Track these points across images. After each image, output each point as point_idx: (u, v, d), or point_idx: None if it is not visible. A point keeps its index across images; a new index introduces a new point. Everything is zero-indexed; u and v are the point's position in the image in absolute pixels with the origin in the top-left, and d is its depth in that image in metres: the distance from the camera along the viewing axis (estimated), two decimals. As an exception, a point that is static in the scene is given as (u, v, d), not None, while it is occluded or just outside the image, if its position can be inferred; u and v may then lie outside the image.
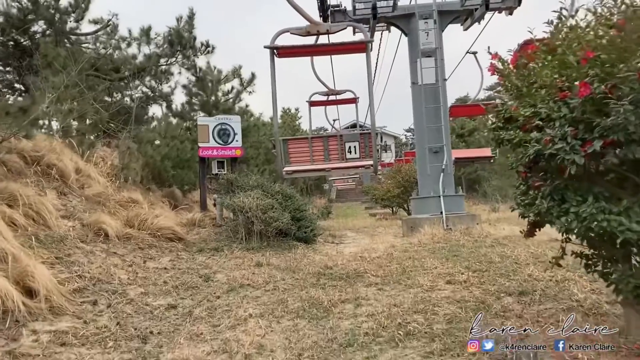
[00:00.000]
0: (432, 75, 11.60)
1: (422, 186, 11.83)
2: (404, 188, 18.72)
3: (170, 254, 8.29)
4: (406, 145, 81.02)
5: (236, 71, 19.00)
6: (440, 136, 11.50)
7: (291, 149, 8.65)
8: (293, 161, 8.56)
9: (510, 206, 4.77)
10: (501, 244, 9.06)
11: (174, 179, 13.28)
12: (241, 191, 10.19)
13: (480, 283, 6.71)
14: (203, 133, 11.91)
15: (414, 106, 12.11)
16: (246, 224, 9.37)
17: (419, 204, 11.74)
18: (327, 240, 11.01)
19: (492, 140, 4.79)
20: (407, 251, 8.92)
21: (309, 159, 8.49)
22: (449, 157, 11.55)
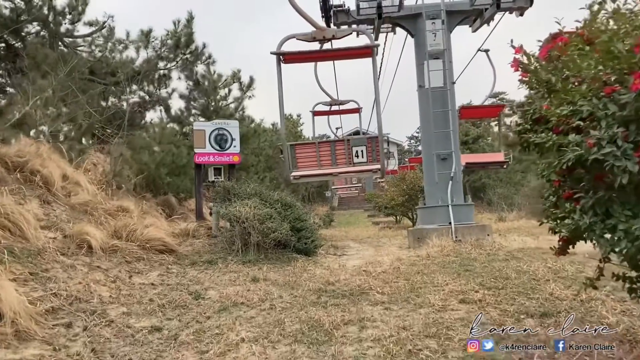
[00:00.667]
0: (439, 78, 11.04)
1: (429, 195, 11.23)
2: (409, 196, 18.12)
3: (160, 267, 7.70)
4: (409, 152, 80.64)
5: (235, 75, 18.56)
6: (448, 142, 10.92)
7: (298, 154, 8.53)
8: (300, 166, 8.43)
9: (538, 220, 4.17)
10: (516, 258, 8.46)
11: (169, 186, 12.74)
12: (238, 200, 9.61)
13: (496, 302, 6.10)
14: (199, 138, 11.36)
15: (421, 110, 11.54)
16: (242, 234, 8.79)
17: (426, 213, 11.14)
18: (328, 252, 10.41)
19: (519, 144, 4.19)
20: (415, 265, 8.31)
21: (317, 163, 8.42)
22: (458, 164, 10.96)
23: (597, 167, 3.12)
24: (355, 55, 7.70)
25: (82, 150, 11.16)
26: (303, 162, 8.46)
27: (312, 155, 8.46)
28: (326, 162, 8.45)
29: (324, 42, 7.56)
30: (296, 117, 34.75)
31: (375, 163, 8.21)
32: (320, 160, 8.42)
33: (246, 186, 10.07)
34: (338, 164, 8.41)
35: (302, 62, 7.94)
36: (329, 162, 8.45)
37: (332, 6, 11.33)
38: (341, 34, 7.42)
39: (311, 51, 7.45)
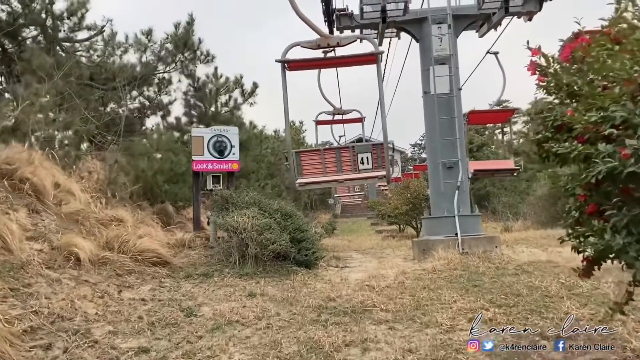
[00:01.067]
0: (445, 84, 10.68)
1: (434, 205, 10.84)
2: (413, 205, 17.74)
3: (152, 281, 7.32)
4: (413, 160, 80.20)
5: (237, 81, 18.26)
6: (454, 150, 10.55)
7: (304, 161, 8.64)
8: (306, 173, 8.53)
9: (559, 237, 3.79)
10: (526, 272, 8.06)
11: (167, 194, 12.39)
12: (236, 209, 9.25)
13: (508, 322, 5.71)
14: (197, 145, 11.01)
15: (426, 117, 11.18)
16: (240, 246, 8.41)
17: (432, 224, 10.74)
18: (330, 264, 10.01)
19: (537, 154, 3.82)
20: (421, 279, 7.92)
21: (322, 170, 8.50)
22: (464, 173, 10.59)
23: (632, 181, 2.75)
24: (360, 62, 7.70)
25: (77, 157, 10.84)
26: (308, 169, 8.49)
27: (318, 162, 8.46)
28: (331, 169, 8.45)
29: (329, 49, 7.61)
30: (299, 124, 34.46)
31: (380, 169, 8.15)
32: (325, 167, 8.42)
33: (245, 195, 9.70)
34: (343, 171, 8.40)
35: (307, 70, 7.96)
36: (334, 169, 8.45)
37: (335, 10, 11.01)
38: (345, 42, 7.40)
39: (316, 59, 7.53)
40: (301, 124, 35.16)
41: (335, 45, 7.32)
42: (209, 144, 11.08)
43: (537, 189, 21.86)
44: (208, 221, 10.38)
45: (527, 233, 16.25)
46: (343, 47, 7.44)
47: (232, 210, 9.20)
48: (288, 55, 7.25)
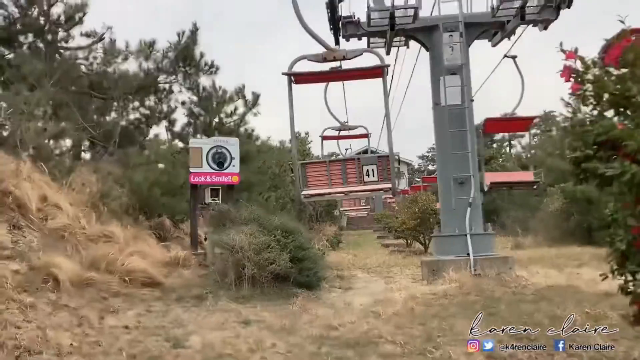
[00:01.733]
0: (457, 95, 10.12)
1: (445, 222, 10.23)
2: (421, 220, 17.11)
3: (140, 304, 6.75)
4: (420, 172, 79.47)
5: (240, 91, 17.79)
6: (466, 164, 9.95)
7: (309, 173, 8.58)
8: (311, 185, 8.49)
9: (601, 274, 3.19)
10: (546, 298, 7.42)
11: (164, 208, 11.86)
12: (235, 225, 8.70)
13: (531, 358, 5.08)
14: (196, 157, 10.49)
15: (437, 130, 10.61)
16: (236, 266, 7.84)
17: (442, 243, 10.13)
18: (333, 285, 9.42)
19: (574, 174, 3.24)
20: (431, 305, 7.31)
21: (327, 182, 8.44)
22: (477, 189, 9.97)
23: None
24: (366, 76, 7.78)
25: (70, 168, 10.35)
26: (314, 181, 8.42)
27: (323, 174, 8.39)
28: (337, 181, 8.39)
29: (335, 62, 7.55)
30: (304, 135, 33.96)
31: (386, 182, 8.11)
32: (331, 179, 8.36)
33: (244, 210, 9.14)
34: (349, 183, 8.34)
35: (313, 83, 8.14)
36: (340, 181, 8.39)
37: (341, 17, 10.50)
38: (352, 55, 7.37)
39: (322, 72, 7.51)
40: (307, 135, 34.63)
41: (342, 58, 7.26)
42: (207, 156, 10.56)
43: (549, 204, 21.14)
44: (205, 237, 9.82)
45: (540, 251, 15.58)
46: (349, 60, 7.40)
47: (230, 227, 8.64)
48: (295, 69, 7.30)
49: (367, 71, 7.55)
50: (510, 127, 13.56)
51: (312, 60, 7.42)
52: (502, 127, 13.79)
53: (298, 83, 7.46)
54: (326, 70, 7.62)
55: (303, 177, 8.39)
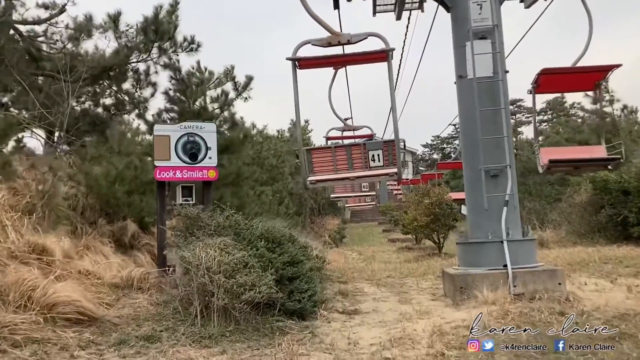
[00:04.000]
0: (488, 65, 8.02)
1: (474, 226, 8.16)
2: (434, 216, 15.05)
3: (58, 356, 4.75)
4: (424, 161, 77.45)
5: (229, 73, 15.73)
6: (501, 152, 7.86)
7: (315, 159, 8.53)
8: (317, 170, 8.45)
9: None
10: (627, 336, 5.35)
11: (129, 208, 9.84)
12: (206, 235, 6.69)
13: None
14: (162, 147, 8.47)
15: (461, 109, 8.52)
16: (203, 292, 5.83)
17: (470, 251, 8.06)
18: (334, 306, 7.39)
19: None
20: (465, 347, 5.26)
21: (333, 168, 8.44)
22: (514, 183, 7.89)
23: None
24: (371, 60, 7.63)
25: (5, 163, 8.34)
26: (319, 167, 8.43)
27: (329, 160, 8.42)
28: (342, 167, 8.38)
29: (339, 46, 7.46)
30: (304, 123, 31.82)
31: (391, 167, 8.04)
32: (336, 164, 8.38)
33: (217, 215, 7.10)
34: (355, 168, 8.34)
35: (317, 68, 7.89)
36: (345, 167, 8.38)
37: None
38: (356, 39, 7.28)
39: (326, 56, 7.45)
40: (307, 123, 32.52)
41: (346, 42, 7.16)
42: (177, 146, 8.55)
43: (575, 195, 19.04)
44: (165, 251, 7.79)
45: (570, 251, 13.48)
46: (354, 44, 7.28)
47: (200, 237, 6.63)
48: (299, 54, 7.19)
49: (371, 55, 7.42)
50: (575, 82, 8.80)
51: (316, 45, 7.31)
52: (564, 83, 8.79)
53: (302, 68, 7.38)
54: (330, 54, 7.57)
55: (309, 163, 8.36)
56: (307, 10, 7.34)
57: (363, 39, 7.46)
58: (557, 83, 9.16)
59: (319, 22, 7.39)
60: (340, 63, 8.57)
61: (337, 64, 8.93)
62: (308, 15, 7.56)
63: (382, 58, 7.35)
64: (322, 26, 7.32)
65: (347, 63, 8.78)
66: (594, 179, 17.15)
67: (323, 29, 7.44)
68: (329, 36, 7.25)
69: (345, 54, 7.76)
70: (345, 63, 8.78)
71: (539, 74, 8.56)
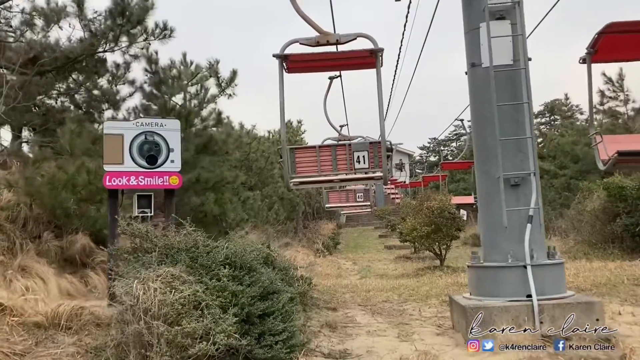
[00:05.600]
0: (507, 50, 6.62)
1: (490, 246, 6.71)
2: (436, 226, 13.64)
3: None
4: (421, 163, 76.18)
5: (212, 67, 14.35)
6: (523, 157, 6.45)
7: (298, 159, 8.17)
8: (300, 171, 8.12)
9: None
10: None
11: (82, 220, 8.39)
12: (155, 260, 5.26)
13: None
14: (113, 148, 7.03)
15: (474, 104, 7.09)
16: (140, 343, 4.38)
17: (486, 278, 6.61)
18: (318, 349, 5.94)
19: None
20: None
21: (317, 169, 8.10)
22: (539, 194, 6.47)
23: None
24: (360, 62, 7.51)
25: None
26: (303, 167, 8.15)
27: (313, 160, 8.17)
28: (327, 167, 8.14)
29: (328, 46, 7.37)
30: (297, 124, 30.31)
31: (377, 170, 7.87)
32: (320, 165, 8.13)
33: (172, 233, 5.65)
34: (339, 169, 8.13)
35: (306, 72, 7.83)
36: (330, 168, 8.15)
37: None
38: (345, 39, 7.22)
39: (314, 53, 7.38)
40: (299, 124, 31.02)
41: (335, 42, 7.12)
42: (132, 147, 7.10)
43: (586, 202, 17.66)
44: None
45: (591, 266, 12.07)
46: (343, 44, 7.24)
47: (147, 263, 5.20)
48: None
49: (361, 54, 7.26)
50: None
51: (304, 44, 7.23)
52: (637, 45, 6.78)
53: (291, 72, 7.35)
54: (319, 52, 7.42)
55: (292, 163, 8.03)
56: (296, 9, 7.20)
57: (352, 39, 7.32)
58: (628, 46, 6.82)
59: (308, 21, 7.28)
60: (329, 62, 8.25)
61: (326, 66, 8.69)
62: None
63: (371, 63, 7.20)
64: (311, 26, 7.22)
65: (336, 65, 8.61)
66: (608, 184, 15.80)
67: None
68: (317, 35, 7.16)
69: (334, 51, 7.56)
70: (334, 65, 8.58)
71: (602, 32, 6.58)
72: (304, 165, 8.14)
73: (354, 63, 7.72)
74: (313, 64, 7.77)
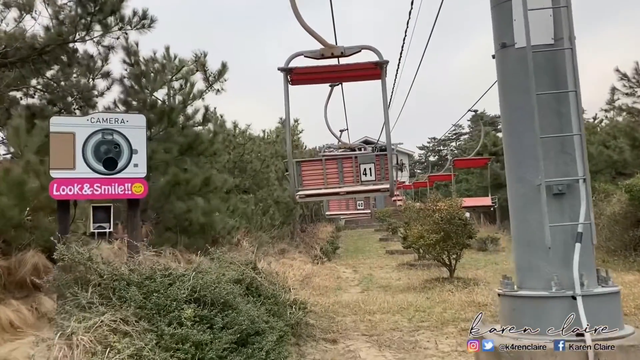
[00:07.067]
0: (547, 28, 5.32)
1: (526, 269, 5.41)
2: (445, 233, 12.35)
3: None
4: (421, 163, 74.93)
5: (198, 59, 13.14)
6: (569, 159, 5.17)
7: (304, 171, 8.17)
8: (306, 184, 8.01)
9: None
10: None
11: (34, 234, 7.09)
12: (97, 296, 3.97)
13: None
14: (62, 149, 5.74)
15: (504, 93, 5.77)
16: None
17: (522, 310, 5.31)
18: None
19: None
20: None
21: (323, 182, 8.03)
22: (589, 206, 5.19)
23: None
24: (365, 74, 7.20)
25: None
26: (309, 181, 8.18)
27: (319, 173, 8.24)
28: (333, 180, 8.15)
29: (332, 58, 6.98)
30: (294, 123, 28.99)
31: (384, 181, 7.88)
32: (327, 178, 8.15)
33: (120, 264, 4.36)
34: (345, 182, 8.12)
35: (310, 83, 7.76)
36: (337, 181, 8.16)
37: None
38: (350, 51, 6.81)
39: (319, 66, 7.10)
40: (296, 122, 29.68)
41: (340, 54, 6.80)
42: (86, 148, 5.82)
43: (605, 206, 16.39)
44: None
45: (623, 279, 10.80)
46: (347, 57, 6.93)
47: (85, 304, 3.91)
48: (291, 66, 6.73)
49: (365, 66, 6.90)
50: None
51: (309, 57, 6.97)
52: None
53: (294, 84, 7.02)
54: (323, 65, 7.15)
55: (298, 176, 8.06)
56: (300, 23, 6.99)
57: (357, 51, 7.10)
58: None
59: (312, 34, 7.11)
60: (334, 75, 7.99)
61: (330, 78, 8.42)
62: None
63: (376, 75, 6.99)
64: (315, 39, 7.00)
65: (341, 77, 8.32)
66: (631, 187, 14.56)
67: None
68: (322, 48, 6.98)
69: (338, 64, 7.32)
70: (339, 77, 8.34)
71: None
72: (310, 178, 8.22)
73: (358, 75, 7.53)
74: (317, 76, 7.62)
